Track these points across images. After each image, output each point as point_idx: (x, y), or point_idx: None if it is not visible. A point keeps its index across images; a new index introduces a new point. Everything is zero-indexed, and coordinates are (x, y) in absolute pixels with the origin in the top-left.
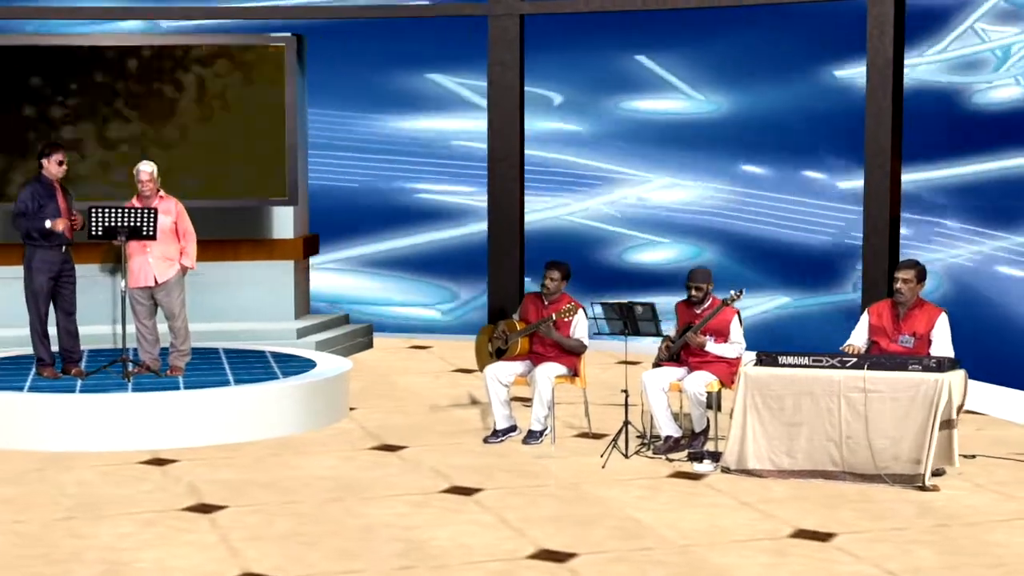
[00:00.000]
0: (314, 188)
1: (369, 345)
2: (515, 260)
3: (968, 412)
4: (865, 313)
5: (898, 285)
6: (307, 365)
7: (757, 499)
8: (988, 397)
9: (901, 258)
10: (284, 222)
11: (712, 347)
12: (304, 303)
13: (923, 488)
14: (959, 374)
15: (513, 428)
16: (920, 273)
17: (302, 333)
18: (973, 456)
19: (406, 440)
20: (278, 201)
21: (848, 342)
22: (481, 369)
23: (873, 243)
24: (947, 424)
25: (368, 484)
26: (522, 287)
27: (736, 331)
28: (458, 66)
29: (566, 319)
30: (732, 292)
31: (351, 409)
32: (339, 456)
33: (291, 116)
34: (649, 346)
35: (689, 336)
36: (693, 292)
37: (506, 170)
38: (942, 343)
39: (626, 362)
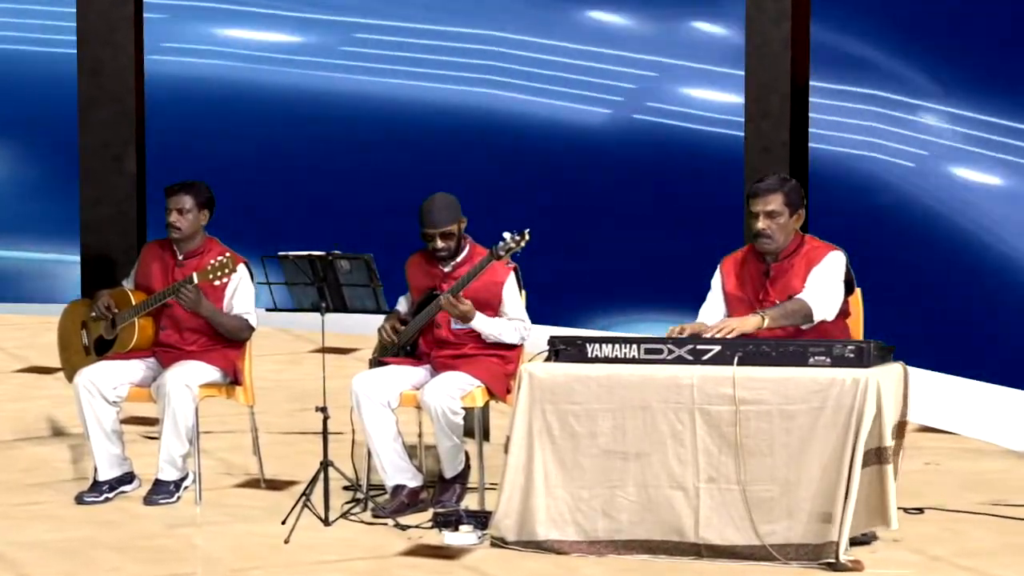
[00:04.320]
0: None
1: None
2: (130, 167)
3: (917, 431)
4: (717, 272)
5: (759, 225)
6: None
7: None
8: (953, 401)
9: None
10: None
11: (483, 324)
12: None
13: (836, 567)
14: (893, 370)
15: (129, 477)
16: (791, 195)
17: None
18: (921, 510)
19: None
20: None
21: (698, 320)
22: (70, 376)
23: (760, 129)
24: (877, 455)
25: None
26: (143, 226)
27: (513, 301)
28: None
29: (216, 282)
30: (507, 236)
31: None
32: None
33: None
34: (365, 324)
35: (444, 300)
36: (440, 243)
37: None
38: (820, 285)
39: (323, 350)
